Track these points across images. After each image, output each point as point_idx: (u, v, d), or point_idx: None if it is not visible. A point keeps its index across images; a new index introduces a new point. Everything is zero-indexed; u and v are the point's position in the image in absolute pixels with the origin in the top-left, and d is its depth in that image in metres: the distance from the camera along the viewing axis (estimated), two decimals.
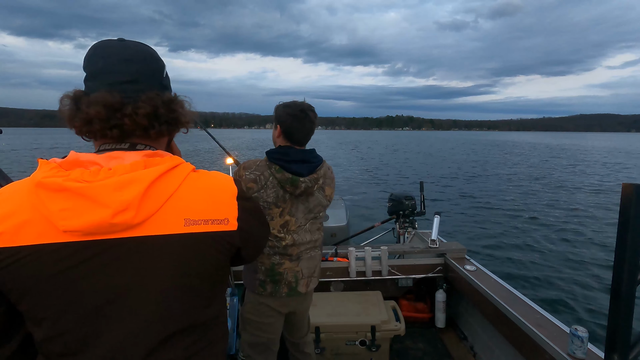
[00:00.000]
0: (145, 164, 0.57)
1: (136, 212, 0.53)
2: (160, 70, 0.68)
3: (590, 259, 5.73)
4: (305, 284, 1.46)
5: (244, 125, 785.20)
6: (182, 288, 0.59)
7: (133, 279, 0.56)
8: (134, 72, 0.63)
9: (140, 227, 0.55)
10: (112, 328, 0.55)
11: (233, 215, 0.62)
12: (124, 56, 0.62)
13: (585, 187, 13.00)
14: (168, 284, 0.58)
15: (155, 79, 0.66)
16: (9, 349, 0.58)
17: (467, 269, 2.29)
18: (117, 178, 0.53)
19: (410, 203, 3.34)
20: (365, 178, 15.63)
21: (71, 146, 1.01)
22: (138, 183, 0.54)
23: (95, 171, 0.54)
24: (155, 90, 0.64)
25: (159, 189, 0.56)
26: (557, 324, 1.61)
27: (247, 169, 1.36)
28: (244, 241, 0.65)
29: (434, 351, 2.28)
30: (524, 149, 38.46)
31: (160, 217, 0.56)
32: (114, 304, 0.55)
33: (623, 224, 0.84)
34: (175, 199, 0.58)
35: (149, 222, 0.56)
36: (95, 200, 0.51)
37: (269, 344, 1.50)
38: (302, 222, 1.43)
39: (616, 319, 0.88)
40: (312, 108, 1.41)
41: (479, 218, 8.40)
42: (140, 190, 0.54)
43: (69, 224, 0.51)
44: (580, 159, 25.59)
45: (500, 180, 14.80)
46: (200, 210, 0.59)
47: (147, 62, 0.65)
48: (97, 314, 0.55)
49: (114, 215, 0.52)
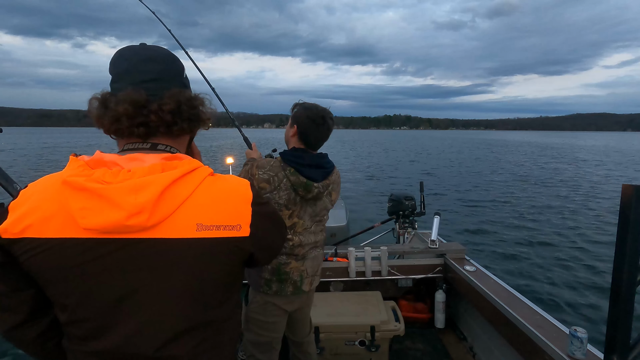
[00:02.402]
0: (162, 167, 0.59)
1: (150, 215, 0.55)
2: (181, 70, 0.72)
3: (590, 259, 5.74)
4: (309, 283, 1.48)
5: (242, 124, 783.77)
6: (193, 289, 0.61)
7: (146, 277, 0.58)
8: (157, 71, 0.66)
9: (154, 229, 0.57)
10: (127, 320, 0.59)
11: (246, 222, 0.63)
12: (146, 57, 0.66)
13: (585, 187, 13.01)
14: (179, 285, 0.60)
15: (177, 78, 0.69)
16: (45, 323, 0.65)
17: (466, 269, 2.29)
18: (134, 181, 0.55)
19: (410, 203, 3.34)
20: (365, 178, 15.63)
21: (70, 144, 1.02)
22: (153, 186, 0.55)
23: (115, 172, 0.57)
24: (178, 87, 0.67)
25: (173, 193, 0.57)
26: (556, 325, 1.61)
27: (260, 168, 1.36)
28: (256, 247, 0.65)
29: (433, 352, 2.28)
30: (523, 149, 38.51)
31: (174, 221, 0.58)
32: (128, 299, 0.58)
33: (623, 225, 0.84)
34: (189, 203, 0.59)
35: (163, 225, 0.57)
36: (111, 202, 0.54)
37: (273, 343, 1.51)
38: (308, 225, 1.45)
39: (616, 320, 0.88)
40: (332, 115, 1.42)
41: (479, 219, 8.40)
42: (154, 193, 0.55)
43: (87, 222, 0.54)
44: (579, 159, 25.65)
45: (500, 180, 14.81)
46: (213, 216, 0.60)
47: (169, 62, 0.69)
48: (113, 306, 0.58)
49: (129, 217, 0.54)
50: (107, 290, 0.58)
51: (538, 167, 20.60)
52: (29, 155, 24.50)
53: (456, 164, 22.11)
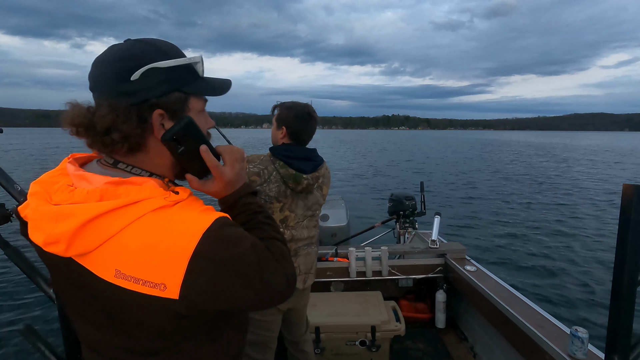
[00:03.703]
0: (101, 195, 0.51)
1: (67, 247, 0.50)
2: (116, 73, 0.55)
3: (591, 259, 5.73)
4: (302, 280, 1.49)
5: (241, 124, 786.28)
6: (117, 328, 0.55)
7: (78, 296, 0.57)
8: (92, 77, 0.57)
9: (81, 258, 0.52)
10: (80, 327, 0.61)
11: (174, 282, 0.49)
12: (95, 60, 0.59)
13: (585, 187, 13.00)
14: (103, 318, 0.56)
15: (109, 84, 0.56)
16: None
17: (467, 269, 2.29)
18: (59, 208, 0.51)
19: (411, 203, 3.34)
20: (365, 178, 15.62)
21: (65, 145, 1.01)
22: (74, 218, 0.49)
23: (62, 190, 0.55)
24: (108, 97, 0.55)
25: (98, 228, 0.50)
26: (557, 325, 1.61)
27: (250, 162, 1.40)
28: (195, 309, 0.52)
29: (434, 351, 2.28)
30: (523, 149, 38.49)
31: (96, 257, 0.51)
32: (76, 311, 0.60)
33: (623, 225, 0.84)
34: (112, 243, 0.50)
35: (87, 257, 0.51)
36: (37, 224, 0.53)
37: (268, 342, 1.52)
38: (301, 219, 1.46)
39: (616, 319, 0.88)
40: (314, 109, 1.46)
41: (479, 219, 8.39)
42: (73, 226, 0.49)
43: (30, 233, 0.55)
44: (579, 159, 25.63)
45: (500, 180, 14.80)
46: (133, 266, 0.49)
47: (100, 65, 0.56)
48: (73, 311, 0.61)
49: (45, 244, 0.52)
50: (64, 298, 0.61)
51: (538, 167, 20.59)
52: (30, 156, 24.50)
53: (456, 164, 22.09)
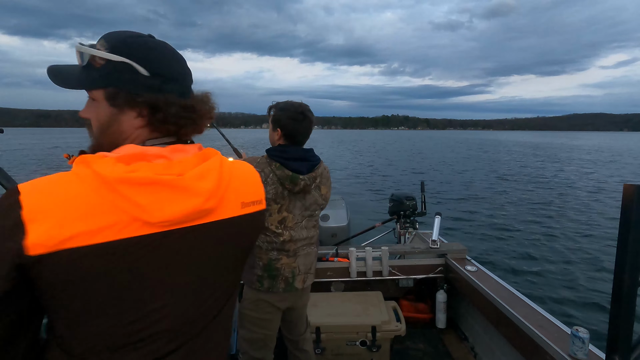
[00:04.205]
0: (204, 156, 0.62)
1: (216, 199, 0.59)
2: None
3: (592, 259, 5.72)
4: (301, 280, 1.49)
5: (241, 124, 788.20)
6: (237, 260, 0.68)
7: (200, 260, 0.61)
8: (188, 70, 0.67)
9: (210, 214, 0.60)
10: (174, 303, 0.60)
11: (263, 195, 0.72)
12: (177, 55, 0.65)
13: (585, 186, 12.99)
14: (231, 256, 0.66)
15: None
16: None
17: (468, 269, 2.29)
18: (198, 169, 0.58)
19: (411, 203, 3.33)
20: (366, 178, 15.62)
21: (68, 144, 1.01)
22: (212, 173, 0.59)
23: (167, 164, 0.56)
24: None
25: (222, 177, 0.61)
26: (558, 325, 1.61)
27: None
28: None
29: (434, 352, 2.28)
30: (522, 149, 38.47)
31: (225, 202, 0.62)
32: (180, 286, 0.60)
33: (624, 225, 0.84)
34: (232, 185, 0.64)
35: (218, 208, 0.61)
36: (188, 190, 0.55)
37: (266, 340, 1.52)
38: (299, 219, 1.46)
39: (617, 320, 0.88)
40: (309, 108, 1.45)
41: (480, 219, 8.39)
42: (215, 178, 0.59)
43: (162, 214, 0.53)
44: (578, 159, 25.62)
45: (500, 180, 14.79)
46: (249, 193, 0.67)
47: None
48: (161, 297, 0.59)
49: (205, 201, 0.57)
50: (160, 282, 0.56)
51: (538, 166, 20.57)
52: (29, 156, 24.53)
53: (456, 164, 22.08)
